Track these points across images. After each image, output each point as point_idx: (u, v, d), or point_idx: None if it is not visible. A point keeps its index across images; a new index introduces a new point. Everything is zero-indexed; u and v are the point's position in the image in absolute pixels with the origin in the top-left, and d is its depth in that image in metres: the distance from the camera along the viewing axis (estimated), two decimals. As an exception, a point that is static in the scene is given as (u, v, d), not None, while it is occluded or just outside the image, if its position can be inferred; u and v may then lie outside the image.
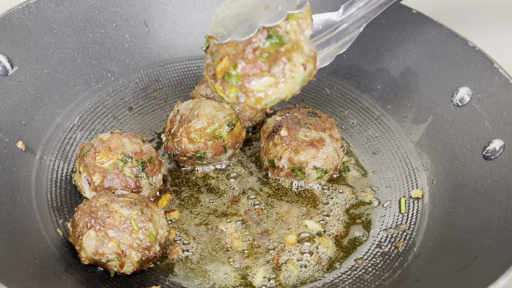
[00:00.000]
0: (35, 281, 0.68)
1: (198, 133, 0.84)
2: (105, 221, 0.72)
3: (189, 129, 0.84)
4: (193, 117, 0.85)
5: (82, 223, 0.73)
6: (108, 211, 0.73)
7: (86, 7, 0.99)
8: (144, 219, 0.73)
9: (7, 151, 0.83)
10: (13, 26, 0.89)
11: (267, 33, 0.65)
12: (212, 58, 0.68)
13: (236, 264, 0.80)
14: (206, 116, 0.85)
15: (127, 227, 0.72)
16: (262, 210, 0.87)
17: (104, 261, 0.73)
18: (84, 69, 0.99)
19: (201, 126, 0.84)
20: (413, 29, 1.00)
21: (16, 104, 0.87)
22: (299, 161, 0.86)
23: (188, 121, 0.85)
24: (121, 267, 0.73)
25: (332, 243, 0.83)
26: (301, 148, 0.86)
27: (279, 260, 0.80)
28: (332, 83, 1.08)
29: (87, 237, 0.72)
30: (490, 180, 0.80)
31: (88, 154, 0.82)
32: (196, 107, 0.86)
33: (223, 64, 0.66)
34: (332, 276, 0.80)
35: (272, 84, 0.65)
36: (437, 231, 0.82)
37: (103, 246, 0.72)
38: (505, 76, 0.85)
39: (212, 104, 0.86)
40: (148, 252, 0.74)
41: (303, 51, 0.66)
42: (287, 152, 0.86)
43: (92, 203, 0.74)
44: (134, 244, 0.72)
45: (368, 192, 0.91)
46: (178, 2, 1.08)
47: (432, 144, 0.93)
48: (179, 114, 0.88)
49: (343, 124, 1.03)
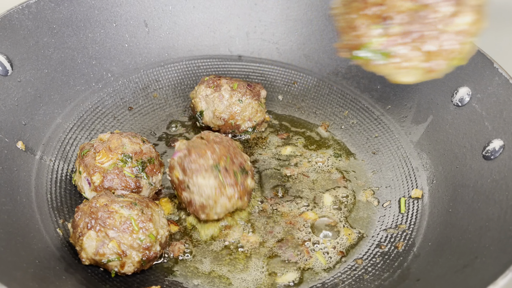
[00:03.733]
0: (35, 281, 0.68)
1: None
2: (105, 221, 0.72)
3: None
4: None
5: (82, 223, 0.73)
6: (108, 211, 0.72)
7: (86, 7, 0.99)
8: (144, 219, 0.73)
9: (7, 151, 0.83)
10: (13, 26, 0.89)
11: None
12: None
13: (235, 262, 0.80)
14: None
15: (127, 228, 0.72)
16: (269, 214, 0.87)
17: (104, 262, 0.73)
18: (84, 69, 0.99)
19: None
20: (413, 29, 1.00)
21: (16, 104, 0.87)
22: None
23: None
24: (122, 267, 0.73)
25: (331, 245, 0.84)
26: None
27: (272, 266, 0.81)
28: (332, 83, 1.08)
29: (88, 237, 0.72)
30: (490, 180, 0.80)
31: (88, 154, 0.82)
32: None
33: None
34: (332, 276, 0.80)
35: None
36: (437, 231, 0.82)
37: (103, 246, 0.72)
38: (505, 76, 0.85)
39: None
40: (149, 252, 0.74)
41: None
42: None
43: (92, 204, 0.74)
44: (135, 244, 0.72)
45: (368, 192, 0.91)
46: (178, 2, 1.08)
47: (432, 144, 0.93)
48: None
49: (343, 124, 1.03)
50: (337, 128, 1.02)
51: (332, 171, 0.94)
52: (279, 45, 1.11)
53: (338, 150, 0.98)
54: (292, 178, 0.93)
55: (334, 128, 1.02)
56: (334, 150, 0.98)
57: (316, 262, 0.81)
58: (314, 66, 1.10)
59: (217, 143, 0.82)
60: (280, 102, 1.07)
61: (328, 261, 0.81)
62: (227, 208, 0.80)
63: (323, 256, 0.82)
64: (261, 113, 0.98)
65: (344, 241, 0.84)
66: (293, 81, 1.10)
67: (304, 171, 0.94)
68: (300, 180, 0.93)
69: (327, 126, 1.03)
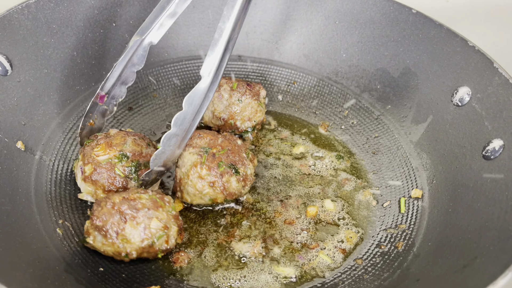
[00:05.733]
0: (35, 281, 0.68)
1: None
2: (135, 208, 0.73)
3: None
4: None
5: (113, 223, 0.73)
6: (131, 200, 0.74)
7: (86, 7, 0.99)
8: (161, 195, 0.77)
9: (6, 151, 0.83)
10: (12, 26, 0.89)
11: None
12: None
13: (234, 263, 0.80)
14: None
15: (155, 205, 0.74)
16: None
17: (152, 243, 0.74)
18: (84, 69, 0.99)
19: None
20: (413, 29, 1.00)
21: (15, 104, 0.87)
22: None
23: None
24: (167, 242, 0.75)
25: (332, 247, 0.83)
26: None
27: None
28: (332, 83, 1.08)
29: (128, 229, 0.73)
30: (490, 180, 0.80)
31: (90, 144, 0.84)
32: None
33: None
34: (332, 276, 0.80)
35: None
36: (437, 231, 0.82)
37: (146, 228, 0.73)
38: (504, 76, 0.85)
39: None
40: (179, 221, 0.78)
41: None
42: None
43: (109, 205, 0.74)
44: (169, 216, 0.75)
45: (368, 192, 0.91)
46: (178, 2, 1.08)
47: (432, 144, 0.93)
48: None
49: (343, 124, 1.03)
50: (337, 128, 1.02)
51: (332, 171, 0.94)
52: (279, 45, 1.11)
53: (338, 151, 0.98)
54: (292, 178, 0.93)
55: (334, 128, 1.02)
56: (334, 150, 0.98)
57: (316, 261, 0.81)
58: (314, 66, 1.10)
59: (226, 138, 0.86)
60: (280, 102, 1.07)
61: (329, 260, 0.81)
62: (196, 188, 0.81)
63: (327, 255, 0.82)
64: (261, 113, 0.97)
65: (344, 241, 0.84)
66: (293, 81, 1.10)
67: (304, 171, 0.94)
68: (300, 180, 0.93)
69: (327, 126, 1.03)
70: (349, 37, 1.07)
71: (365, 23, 1.05)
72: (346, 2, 1.06)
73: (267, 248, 0.82)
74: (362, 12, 1.05)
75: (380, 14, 1.03)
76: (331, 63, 1.08)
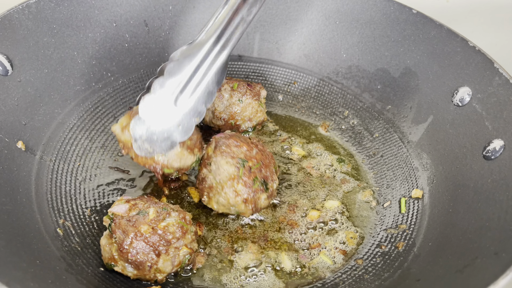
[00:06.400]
0: (35, 281, 0.68)
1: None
2: (165, 239, 0.73)
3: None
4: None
5: (146, 259, 0.73)
6: (159, 230, 0.73)
7: (86, 7, 0.99)
8: (181, 214, 0.76)
9: (7, 151, 0.83)
10: (13, 26, 0.89)
11: None
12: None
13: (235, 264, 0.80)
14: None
15: (182, 231, 0.74)
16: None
17: (179, 267, 0.76)
18: (84, 69, 0.99)
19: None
20: (413, 29, 1.00)
21: (16, 104, 0.87)
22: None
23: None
24: (191, 261, 0.78)
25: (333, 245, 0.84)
26: None
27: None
28: (332, 83, 1.08)
29: (161, 263, 0.73)
30: (490, 180, 0.80)
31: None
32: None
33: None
34: (332, 276, 0.80)
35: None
36: (437, 231, 0.82)
37: (176, 258, 0.74)
38: (505, 76, 0.85)
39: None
40: (197, 236, 0.79)
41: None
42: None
43: (139, 239, 0.73)
44: (192, 237, 0.76)
45: (368, 192, 0.91)
46: (178, 2, 1.08)
47: (432, 144, 0.93)
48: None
49: (343, 124, 1.03)
50: (337, 128, 1.02)
51: (332, 171, 0.94)
52: (280, 45, 1.11)
53: (338, 151, 0.98)
54: (292, 179, 0.93)
55: (334, 128, 1.02)
56: (334, 151, 0.98)
57: (317, 262, 0.81)
58: (314, 66, 1.10)
59: (259, 149, 0.84)
60: (280, 102, 1.07)
61: (329, 261, 0.81)
62: (229, 202, 0.80)
63: (327, 256, 0.82)
64: (261, 113, 0.98)
65: (345, 241, 0.84)
66: (293, 81, 1.10)
67: (304, 172, 0.94)
68: (300, 180, 0.93)
69: (327, 126, 1.03)
70: (350, 37, 1.07)
71: (366, 23, 1.05)
72: (346, 2, 1.06)
73: (269, 249, 0.82)
74: (362, 12, 1.05)
75: (380, 14, 1.03)
76: (331, 63, 1.09)
